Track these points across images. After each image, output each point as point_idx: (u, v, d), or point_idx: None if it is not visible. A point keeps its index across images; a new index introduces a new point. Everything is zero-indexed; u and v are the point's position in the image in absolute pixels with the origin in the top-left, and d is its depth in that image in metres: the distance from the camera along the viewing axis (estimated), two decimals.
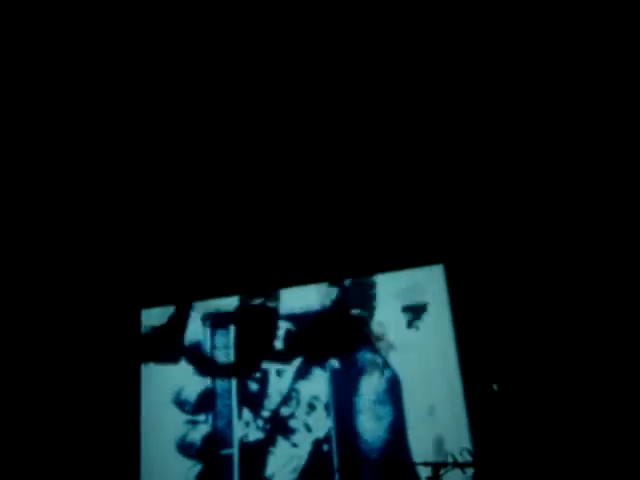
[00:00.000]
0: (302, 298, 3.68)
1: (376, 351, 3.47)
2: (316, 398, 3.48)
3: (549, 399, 3.14)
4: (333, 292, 3.66)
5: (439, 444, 3.20)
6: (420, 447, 3.22)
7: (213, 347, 3.71)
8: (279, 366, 3.59)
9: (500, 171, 3.59)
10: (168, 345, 3.77)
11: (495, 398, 3.13)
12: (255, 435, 3.49)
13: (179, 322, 3.81)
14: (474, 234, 3.57)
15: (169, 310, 3.85)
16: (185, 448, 3.56)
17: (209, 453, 3.52)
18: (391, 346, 3.47)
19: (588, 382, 3.11)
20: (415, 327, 3.48)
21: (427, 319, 3.47)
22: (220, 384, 3.63)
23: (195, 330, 3.77)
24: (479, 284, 3.44)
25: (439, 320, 3.45)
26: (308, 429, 3.44)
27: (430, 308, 3.49)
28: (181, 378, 3.68)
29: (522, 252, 3.46)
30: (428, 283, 3.54)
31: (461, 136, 3.55)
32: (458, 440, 3.05)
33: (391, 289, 3.58)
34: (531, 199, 3.53)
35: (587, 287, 3.28)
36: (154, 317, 3.84)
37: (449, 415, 3.23)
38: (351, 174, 3.72)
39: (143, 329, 3.81)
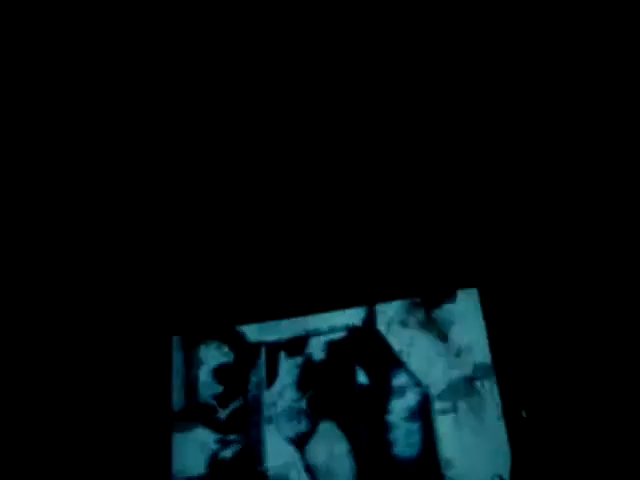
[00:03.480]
0: (333, 320, 3.66)
1: (407, 372, 3.45)
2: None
3: (585, 425, 3.13)
4: (362, 314, 3.64)
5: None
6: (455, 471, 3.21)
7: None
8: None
9: (536, 193, 3.59)
10: None
11: (525, 424, 3.12)
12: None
13: None
14: (507, 256, 3.56)
15: None
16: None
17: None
18: (425, 368, 3.45)
19: (627, 408, 3.10)
20: (449, 351, 3.47)
21: (462, 342, 3.47)
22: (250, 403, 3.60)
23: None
24: (514, 307, 3.43)
25: (474, 343, 3.44)
26: None
27: (463, 331, 3.48)
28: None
29: (557, 275, 3.45)
30: (461, 307, 3.53)
31: (493, 156, 3.58)
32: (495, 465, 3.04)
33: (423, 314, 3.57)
34: (567, 222, 3.53)
35: (625, 315, 3.28)
36: None
37: (488, 439, 3.22)
38: (382, 198, 3.71)
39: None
